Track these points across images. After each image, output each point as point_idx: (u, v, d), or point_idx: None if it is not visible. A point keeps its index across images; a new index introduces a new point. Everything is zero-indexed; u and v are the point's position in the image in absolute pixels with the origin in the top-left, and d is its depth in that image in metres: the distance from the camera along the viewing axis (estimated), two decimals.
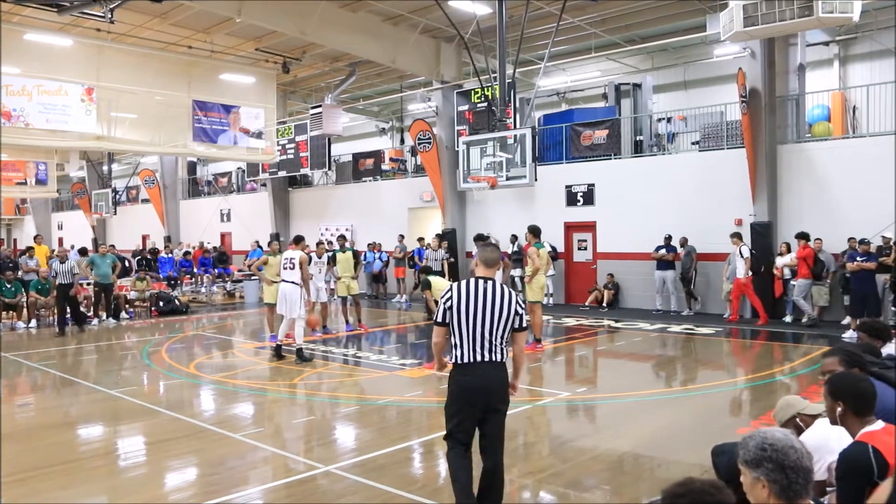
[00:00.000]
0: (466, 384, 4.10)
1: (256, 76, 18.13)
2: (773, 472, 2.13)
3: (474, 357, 4.07)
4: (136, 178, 29.30)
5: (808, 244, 12.72)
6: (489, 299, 4.09)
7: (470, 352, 4.08)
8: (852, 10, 8.49)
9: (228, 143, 17.39)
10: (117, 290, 16.01)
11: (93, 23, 14.64)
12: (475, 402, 4.07)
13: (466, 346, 4.08)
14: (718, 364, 10.34)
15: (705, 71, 18.37)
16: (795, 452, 2.14)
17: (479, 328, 4.06)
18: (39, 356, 11.04)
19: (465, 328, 4.08)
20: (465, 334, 4.09)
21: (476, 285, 4.14)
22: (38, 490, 5.08)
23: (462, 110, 18.26)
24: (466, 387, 4.10)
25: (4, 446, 5.92)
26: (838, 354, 3.66)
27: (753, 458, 2.18)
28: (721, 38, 9.98)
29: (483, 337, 4.06)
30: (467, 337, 4.08)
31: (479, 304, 4.08)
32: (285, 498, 4.98)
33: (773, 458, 2.14)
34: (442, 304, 4.20)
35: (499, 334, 4.09)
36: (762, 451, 2.16)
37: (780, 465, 2.13)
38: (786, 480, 2.12)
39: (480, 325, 4.06)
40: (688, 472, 5.11)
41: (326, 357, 10.66)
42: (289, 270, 10.25)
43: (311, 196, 24.06)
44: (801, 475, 2.12)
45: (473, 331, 4.07)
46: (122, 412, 7.35)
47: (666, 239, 14.79)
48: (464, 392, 4.10)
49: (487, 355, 4.06)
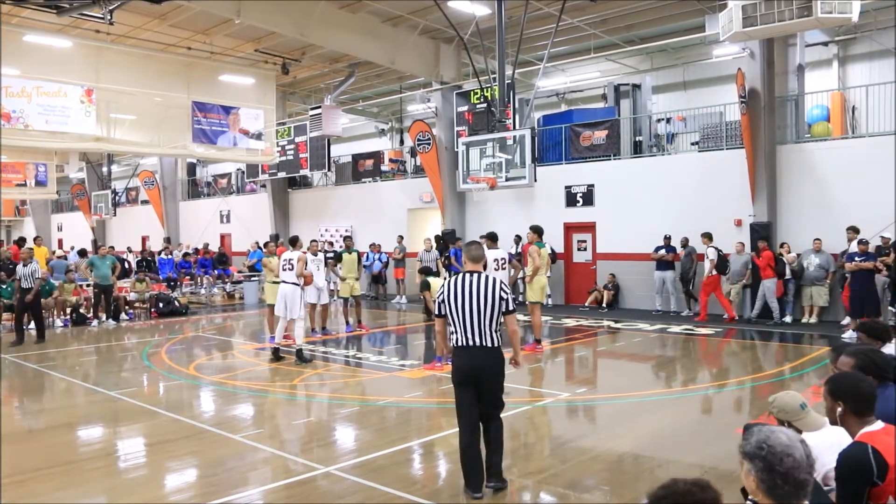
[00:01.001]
0: (462, 365, 4.80)
1: (256, 77, 18.13)
2: (762, 472, 2.15)
3: (467, 342, 4.74)
4: (136, 179, 29.30)
5: (767, 246, 13.14)
6: (475, 290, 4.74)
7: (464, 337, 4.75)
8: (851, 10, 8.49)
9: (228, 145, 17.39)
10: (117, 291, 16.01)
11: (92, 24, 14.64)
12: (469, 379, 4.76)
13: (460, 333, 4.76)
14: (718, 364, 10.33)
15: (705, 71, 18.37)
16: (792, 461, 2.13)
17: (470, 316, 4.72)
18: (39, 357, 11.03)
19: (458, 317, 4.75)
20: (458, 322, 4.75)
21: (464, 279, 4.82)
22: (38, 491, 5.08)
23: (461, 111, 18.26)
24: (462, 367, 4.80)
25: (4, 447, 5.91)
26: (856, 357, 3.47)
27: (750, 452, 2.21)
28: (720, 38, 9.99)
29: (474, 323, 4.71)
30: (461, 324, 4.74)
31: (468, 295, 4.74)
32: (285, 499, 4.98)
33: (767, 458, 2.15)
34: (437, 298, 4.90)
35: (487, 320, 4.72)
36: (759, 450, 2.17)
37: (769, 468, 2.14)
38: (772, 483, 2.13)
39: (470, 313, 4.72)
40: (687, 472, 5.13)
41: (326, 358, 10.66)
42: (288, 271, 10.25)
43: (310, 197, 24.06)
44: (790, 484, 2.13)
45: (464, 319, 4.73)
46: (122, 413, 7.35)
47: (665, 239, 14.79)
48: (459, 371, 4.81)
49: (479, 340, 4.72)
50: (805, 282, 13.14)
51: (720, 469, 5.17)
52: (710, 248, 13.65)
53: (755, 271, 13.45)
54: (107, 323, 14.98)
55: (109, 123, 15.26)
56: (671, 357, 10.72)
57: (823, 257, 12.88)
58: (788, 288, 13.34)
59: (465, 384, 4.76)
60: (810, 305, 13.15)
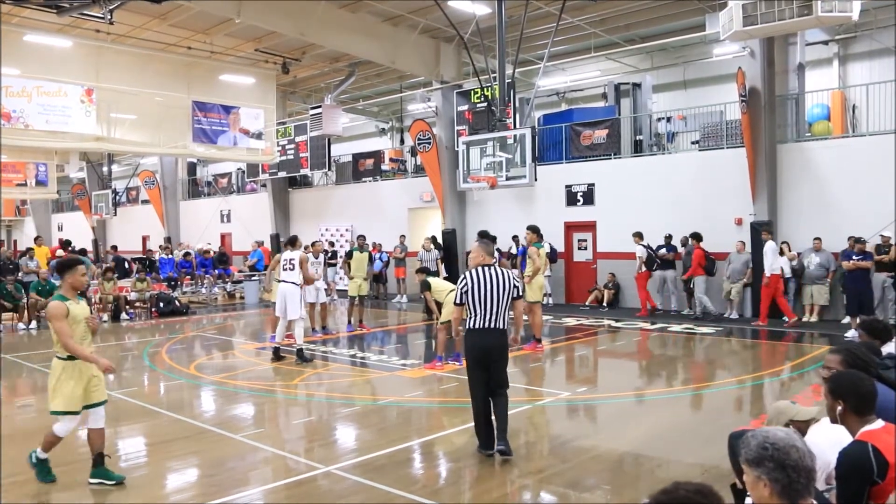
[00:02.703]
0: (476, 343, 5.58)
1: (256, 77, 18.13)
2: (774, 472, 2.12)
3: (483, 324, 5.54)
4: (136, 179, 29.31)
5: (699, 245, 13.79)
6: (494, 280, 5.58)
7: (480, 320, 5.54)
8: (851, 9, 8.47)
9: (228, 144, 17.39)
10: (117, 290, 16.01)
11: (92, 24, 14.64)
12: (481, 356, 5.56)
13: (479, 316, 5.55)
14: (718, 364, 10.33)
15: (705, 70, 18.36)
16: (797, 452, 2.13)
17: (490, 302, 5.53)
18: (40, 357, 11.03)
19: (478, 303, 5.55)
20: (478, 308, 5.54)
21: (484, 271, 5.63)
22: (38, 492, 5.09)
23: (462, 110, 18.25)
24: (476, 345, 5.58)
25: (4, 448, 5.91)
26: (842, 354, 3.64)
27: (755, 457, 2.17)
28: (720, 37, 9.98)
29: (491, 309, 5.52)
30: (480, 310, 5.54)
31: (487, 285, 5.56)
32: (286, 499, 4.98)
33: (775, 457, 2.13)
34: (459, 288, 5.65)
35: (503, 306, 5.57)
36: (763, 451, 2.15)
37: (780, 465, 2.12)
38: (787, 479, 2.11)
39: (490, 300, 5.53)
40: (687, 472, 5.13)
41: (327, 357, 10.67)
42: (289, 271, 10.25)
43: (311, 196, 24.06)
44: (803, 475, 2.11)
45: (484, 305, 5.53)
46: (123, 413, 7.35)
47: (666, 238, 14.78)
48: (474, 349, 5.60)
49: (493, 323, 5.54)
50: (806, 281, 13.15)
51: (721, 469, 5.16)
52: (639, 245, 14.45)
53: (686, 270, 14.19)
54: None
55: (110, 123, 15.28)
56: (671, 357, 10.72)
57: (824, 256, 12.88)
58: (789, 287, 13.34)
59: (478, 361, 5.54)
60: (811, 304, 13.15)
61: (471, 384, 5.67)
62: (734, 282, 13.90)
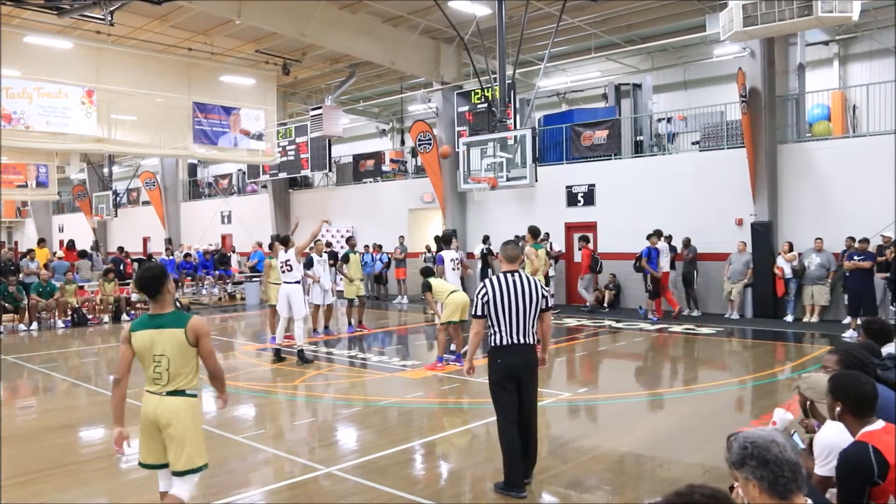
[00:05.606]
0: (507, 363, 4.82)
1: (256, 78, 18.14)
2: (757, 469, 2.15)
3: (513, 340, 4.79)
4: (137, 180, 29.29)
5: (587, 245, 15.48)
6: (519, 289, 4.82)
7: (508, 335, 4.79)
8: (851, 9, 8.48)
9: (229, 145, 17.40)
10: (118, 291, 16.01)
11: (93, 25, 14.67)
12: (512, 375, 4.81)
13: (506, 331, 4.80)
14: (719, 364, 10.32)
15: (705, 71, 18.36)
16: (777, 447, 2.16)
17: (514, 314, 4.78)
18: (41, 358, 11.04)
19: (502, 316, 4.79)
20: (503, 321, 4.79)
21: (505, 279, 4.87)
22: (38, 492, 5.09)
23: (462, 111, 18.26)
24: (507, 364, 4.82)
25: (4, 448, 5.92)
26: (839, 354, 3.65)
27: (738, 459, 2.20)
28: (721, 37, 9.97)
29: (518, 322, 4.79)
30: (505, 323, 4.79)
31: (512, 295, 4.80)
32: (287, 499, 4.98)
33: (755, 454, 2.16)
34: (479, 298, 4.88)
35: (530, 317, 4.82)
36: (744, 450, 2.18)
37: (763, 461, 2.14)
38: (771, 475, 2.13)
39: (516, 312, 4.78)
40: (688, 472, 5.13)
41: (328, 358, 10.66)
42: (287, 273, 10.26)
43: (311, 197, 24.07)
44: (787, 468, 2.12)
45: (509, 317, 4.79)
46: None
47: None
48: (504, 368, 4.82)
49: (522, 338, 4.80)
50: (806, 281, 13.14)
51: (721, 469, 5.14)
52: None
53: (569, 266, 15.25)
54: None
55: (110, 124, 15.27)
56: (672, 357, 10.72)
57: (824, 256, 12.87)
58: (790, 287, 13.33)
59: (509, 381, 4.81)
60: (811, 305, 13.13)
61: (500, 411, 4.86)
62: (735, 282, 13.90)
